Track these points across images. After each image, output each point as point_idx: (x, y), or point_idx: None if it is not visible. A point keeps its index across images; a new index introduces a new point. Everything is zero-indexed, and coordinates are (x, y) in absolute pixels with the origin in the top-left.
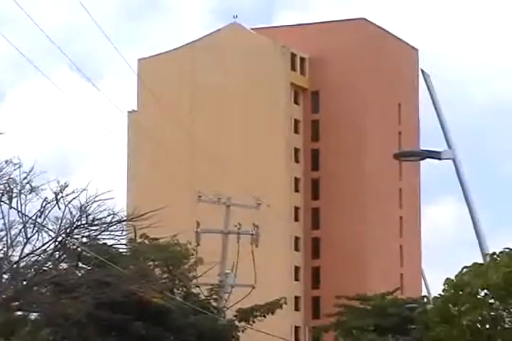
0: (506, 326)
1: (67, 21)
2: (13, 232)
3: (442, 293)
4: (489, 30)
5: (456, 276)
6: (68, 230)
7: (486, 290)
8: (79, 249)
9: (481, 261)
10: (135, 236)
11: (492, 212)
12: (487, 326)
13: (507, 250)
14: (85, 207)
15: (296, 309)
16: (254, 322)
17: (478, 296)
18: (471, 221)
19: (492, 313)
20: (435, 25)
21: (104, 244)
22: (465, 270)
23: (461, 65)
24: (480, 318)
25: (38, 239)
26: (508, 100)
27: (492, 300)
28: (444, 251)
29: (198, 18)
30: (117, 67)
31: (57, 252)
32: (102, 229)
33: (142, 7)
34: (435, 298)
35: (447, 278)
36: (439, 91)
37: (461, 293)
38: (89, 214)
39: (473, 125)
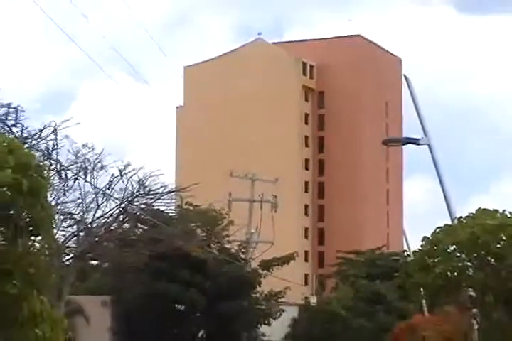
0: (470, 274)
1: (114, 36)
2: (87, 200)
3: (420, 248)
4: (458, 43)
5: (431, 235)
6: (130, 199)
7: (454, 246)
8: (138, 213)
9: (449, 223)
10: (181, 203)
11: (458, 186)
12: (455, 274)
13: (471, 214)
14: (143, 181)
15: (306, 260)
16: (273, 270)
17: (449, 250)
18: (442, 193)
19: (459, 264)
20: (415, 39)
21: (158, 209)
22: (438, 230)
23: (434, 70)
24: (450, 268)
25: (106, 206)
26: (472, 99)
27: (459, 254)
28: (420, 215)
29: (220, 33)
30: (160, 72)
31: (121, 216)
32: (156, 198)
33: (174, 24)
34: (414, 252)
35: (424, 236)
36: (418, 91)
37: (435, 248)
38: (146, 187)
39: (443, 119)
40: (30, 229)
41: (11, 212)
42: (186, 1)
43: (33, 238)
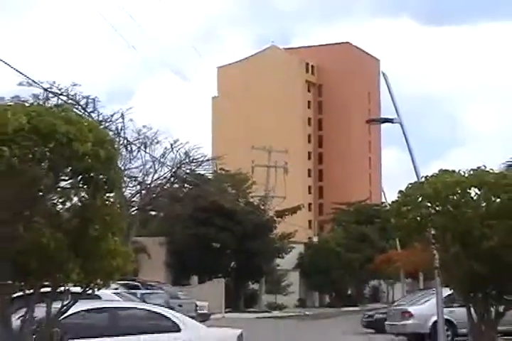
0: (433, 218)
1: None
2: (147, 167)
3: (397, 199)
4: (420, 48)
5: (405, 189)
6: (178, 165)
7: (421, 197)
8: (184, 176)
9: (418, 181)
10: (216, 169)
11: (422, 154)
12: (423, 219)
13: (434, 174)
14: (188, 152)
15: (309, 210)
16: (285, 217)
17: (418, 201)
18: (411, 159)
19: (426, 211)
20: (389, 45)
21: (199, 173)
22: (410, 186)
23: (404, 68)
24: (419, 214)
25: (161, 170)
26: (432, 91)
27: (426, 204)
28: (394, 176)
29: (244, 41)
30: (199, 71)
31: (172, 178)
32: (198, 164)
33: (208, 34)
34: (392, 202)
35: (400, 190)
36: (393, 84)
37: (408, 198)
38: (190, 156)
39: (411, 104)
40: (106, 187)
41: (92, 175)
42: (217, 18)
43: (108, 194)
